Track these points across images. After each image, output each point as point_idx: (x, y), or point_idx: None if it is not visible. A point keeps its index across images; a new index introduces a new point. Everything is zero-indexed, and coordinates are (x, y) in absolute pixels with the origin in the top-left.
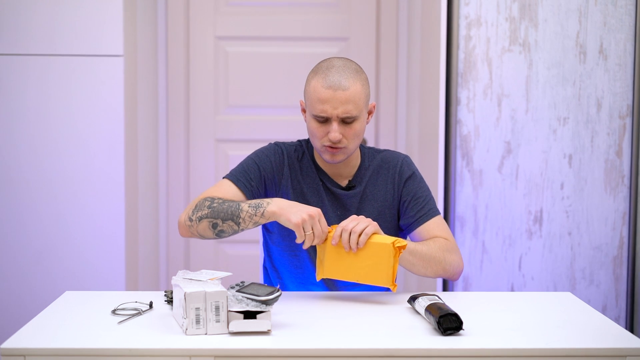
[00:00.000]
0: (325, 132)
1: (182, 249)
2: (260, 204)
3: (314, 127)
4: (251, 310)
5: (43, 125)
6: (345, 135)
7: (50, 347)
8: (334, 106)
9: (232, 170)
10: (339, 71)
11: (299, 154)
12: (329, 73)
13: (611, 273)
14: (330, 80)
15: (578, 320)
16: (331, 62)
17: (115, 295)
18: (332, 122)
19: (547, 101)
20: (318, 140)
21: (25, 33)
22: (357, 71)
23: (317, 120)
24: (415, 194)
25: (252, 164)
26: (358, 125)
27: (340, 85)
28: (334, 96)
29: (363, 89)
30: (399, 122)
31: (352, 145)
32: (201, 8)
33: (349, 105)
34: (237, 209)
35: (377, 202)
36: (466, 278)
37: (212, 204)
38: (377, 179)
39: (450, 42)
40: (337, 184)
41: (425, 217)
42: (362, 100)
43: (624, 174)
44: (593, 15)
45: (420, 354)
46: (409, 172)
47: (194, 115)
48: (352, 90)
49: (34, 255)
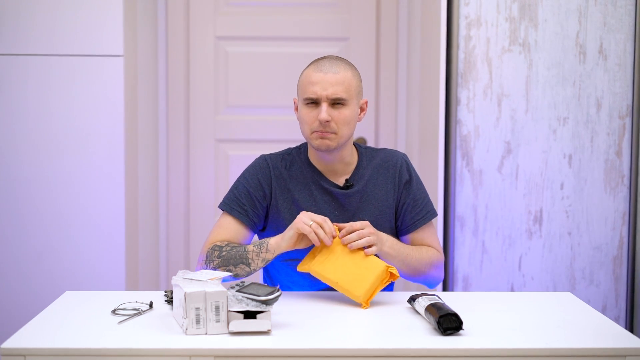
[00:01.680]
0: (315, 117)
1: (182, 249)
2: (262, 241)
3: (304, 114)
4: (251, 310)
5: (43, 125)
6: (334, 119)
7: (50, 347)
8: (324, 87)
9: (225, 199)
10: (330, 60)
11: (287, 162)
12: (321, 61)
13: (611, 273)
14: (321, 65)
15: (578, 320)
16: (323, 57)
17: (115, 295)
18: (322, 103)
19: (547, 101)
20: (308, 125)
21: (25, 33)
22: (348, 64)
23: (307, 107)
24: (414, 198)
25: (242, 188)
26: (348, 112)
27: (331, 69)
28: (324, 78)
29: (354, 77)
30: (399, 122)
31: (342, 132)
32: (201, 8)
33: (338, 87)
34: (244, 252)
35: (378, 201)
36: (466, 278)
37: (221, 252)
38: (377, 179)
39: (450, 42)
40: (333, 184)
41: (421, 221)
42: (352, 87)
43: (624, 174)
44: (593, 15)
45: (420, 354)
46: (408, 174)
47: (194, 115)
48: (342, 75)
49: (34, 255)
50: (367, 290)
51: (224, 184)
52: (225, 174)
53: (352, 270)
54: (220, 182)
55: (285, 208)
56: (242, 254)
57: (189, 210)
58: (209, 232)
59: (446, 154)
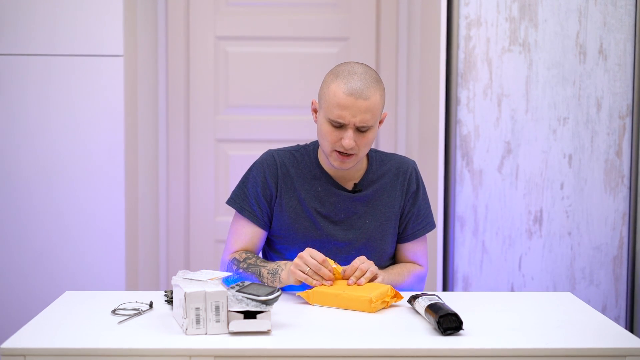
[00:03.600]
0: (339, 138)
1: (182, 249)
2: (275, 270)
3: (326, 131)
4: (251, 310)
5: (43, 126)
6: (358, 143)
7: (50, 347)
8: (353, 114)
9: (234, 195)
10: (362, 79)
11: (295, 159)
12: (351, 79)
13: (611, 273)
14: (352, 87)
15: (578, 320)
16: (353, 68)
17: (115, 295)
18: (348, 129)
19: (547, 101)
20: (329, 144)
21: (25, 33)
22: (377, 81)
23: (331, 125)
24: (419, 209)
25: (251, 188)
26: (371, 135)
27: (362, 94)
28: (355, 104)
29: (381, 99)
30: (399, 122)
31: (362, 153)
32: (201, 8)
33: (367, 114)
34: (259, 274)
35: (385, 207)
36: (466, 278)
37: (238, 269)
38: (386, 185)
39: (450, 42)
40: (341, 187)
41: (420, 232)
42: (379, 111)
43: (624, 174)
44: (593, 15)
45: (420, 354)
46: (416, 183)
47: (194, 115)
48: (372, 100)
49: (34, 255)
50: (374, 295)
51: (224, 184)
52: (225, 174)
53: (355, 287)
54: (220, 182)
55: (290, 207)
56: (258, 275)
57: (189, 210)
58: (209, 232)
59: (446, 154)
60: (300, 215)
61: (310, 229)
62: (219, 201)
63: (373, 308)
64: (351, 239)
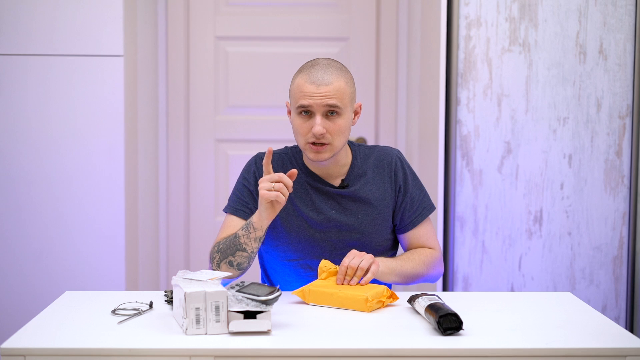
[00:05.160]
0: (309, 128)
1: (182, 249)
2: (246, 223)
3: (298, 124)
4: (251, 310)
5: (43, 125)
6: (329, 130)
7: (50, 347)
8: (318, 97)
9: (229, 201)
10: (323, 68)
11: (283, 161)
12: (313, 70)
13: (611, 273)
14: (314, 76)
15: (578, 320)
16: (315, 61)
17: (115, 295)
18: (316, 115)
19: (547, 101)
20: (302, 137)
21: (25, 33)
22: (341, 69)
23: (301, 116)
24: (412, 196)
25: (242, 188)
26: (342, 122)
27: (324, 80)
28: (318, 90)
29: (347, 86)
30: (399, 122)
31: (337, 142)
32: (201, 8)
33: (331, 96)
34: (235, 237)
35: (376, 201)
36: (466, 278)
37: (219, 247)
38: (373, 178)
39: (450, 42)
40: (329, 184)
41: (419, 218)
42: (345, 95)
43: (624, 174)
44: (593, 15)
45: (420, 354)
46: (403, 172)
47: (194, 115)
48: (335, 85)
49: (34, 255)
50: (370, 295)
51: (224, 183)
52: (225, 174)
53: (350, 286)
54: (220, 182)
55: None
56: (234, 241)
57: (189, 210)
58: (209, 232)
59: (446, 154)
60: (292, 214)
61: (302, 228)
62: (219, 201)
63: (369, 307)
64: (344, 235)
